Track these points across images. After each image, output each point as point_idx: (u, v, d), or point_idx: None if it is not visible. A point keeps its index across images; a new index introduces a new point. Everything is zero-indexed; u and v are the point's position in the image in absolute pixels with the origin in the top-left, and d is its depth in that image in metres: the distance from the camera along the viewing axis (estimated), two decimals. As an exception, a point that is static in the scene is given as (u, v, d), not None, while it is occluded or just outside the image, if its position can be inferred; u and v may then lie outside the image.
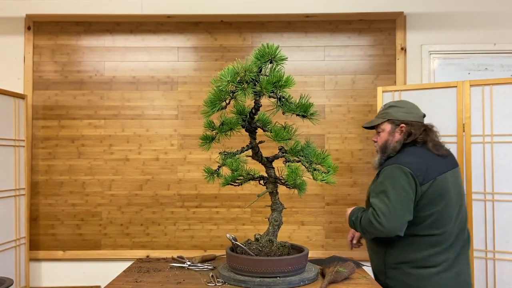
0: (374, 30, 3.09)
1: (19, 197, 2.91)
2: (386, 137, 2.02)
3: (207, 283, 1.73)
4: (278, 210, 1.85)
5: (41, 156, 3.10)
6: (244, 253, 1.74)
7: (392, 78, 3.07)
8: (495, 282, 2.38)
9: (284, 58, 1.65)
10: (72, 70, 3.12)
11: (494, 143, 2.42)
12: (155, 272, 1.91)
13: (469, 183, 2.46)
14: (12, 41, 3.12)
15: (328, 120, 3.09)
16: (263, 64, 1.65)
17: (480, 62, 3.09)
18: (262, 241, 1.81)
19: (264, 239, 1.81)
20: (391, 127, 2.01)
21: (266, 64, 1.65)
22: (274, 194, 1.86)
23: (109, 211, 3.09)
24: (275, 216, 1.84)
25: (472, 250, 2.43)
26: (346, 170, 3.07)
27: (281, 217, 1.84)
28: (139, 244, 3.08)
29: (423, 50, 3.07)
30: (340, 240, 3.06)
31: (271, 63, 1.65)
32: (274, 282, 1.66)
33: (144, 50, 3.13)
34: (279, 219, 1.83)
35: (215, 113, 1.70)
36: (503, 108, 2.41)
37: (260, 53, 1.64)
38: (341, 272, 1.76)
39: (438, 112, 2.57)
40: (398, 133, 2.00)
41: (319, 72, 3.11)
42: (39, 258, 3.07)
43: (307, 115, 1.75)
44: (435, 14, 3.08)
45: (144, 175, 3.10)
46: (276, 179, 1.85)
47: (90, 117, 3.11)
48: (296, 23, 3.11)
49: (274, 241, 1.81)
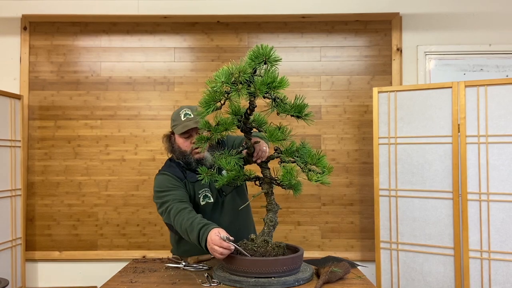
0: (370, 31, 3.10)
1: (15, 197, 2.91)
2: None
3: (202, 283, 1.73)
4: (274, 211, 1.85)
5: (37, 156, 3.10)
6: (239, 253, 1.73)
7: (388, 79, 3.08)
8: (490, 282, 2.40)
9: (278, 59, 1.65)
10: (68, 71, 3.12)
11: (489, 144, 2.43)
12: (150, 272, 1.91)
13: (464, 184, 2.47)
14: (8, 41, 3.11)
15: (324, 121, 3.10)
16: (257, 65, 1.65)
17: (475, 63, 3.10)
18: (257, 241, 1.81)
19: (259, 240, 1.81)
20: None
21: (260, 65, 1.65)
22: (270, 194, 1.86)
23: (105, 212, 3.09)
24: (271, 217, 1.84)
25: (468, 250, 2.45)
26: (342, 170, 3.08)
27: (276, 217, 1.84)
28: (136, 245, 3.08)
29: (419, 51, 3.08)
30: (336, 240, 3.07)
31: (265, 64, 1.65)
32: (269, 282, 1.66)
33: (140, 50, 3.13)
34: (274, 219, 1.83)
35: (209, 113, 1.70)
36: (498, 109, 2.42)
37: (254, 54, 1.64)
38: (336, 272, 1.76)
39: (434, 113, 2.58)
40: None
41: (315, 72, 3.11)
42: (35, 258, 3.07)
43: (301, 115, 1.75)
44: (431, 15, 3.09)
45: (140, 176, 3.10)
46: (271, 179, 1.85)
47: (86, 118, 3.11)
48: (292, 24, 3.12)
49: (269, 242, 1.81)
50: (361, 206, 3.08)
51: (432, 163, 2.58)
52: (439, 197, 2.55)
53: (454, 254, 2.50)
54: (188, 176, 2.09)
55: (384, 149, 2.73)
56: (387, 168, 2.72)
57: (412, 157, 2.64)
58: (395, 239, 2.68)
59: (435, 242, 2.56)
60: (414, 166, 2.63)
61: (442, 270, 2.53)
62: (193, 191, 2.09)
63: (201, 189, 2.09)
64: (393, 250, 2.69)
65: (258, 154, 1.84)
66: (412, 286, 2.61)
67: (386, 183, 2.72)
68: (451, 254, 2.51)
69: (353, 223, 3.08)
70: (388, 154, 2.72)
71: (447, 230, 2.52)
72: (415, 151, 2.63)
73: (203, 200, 2.09)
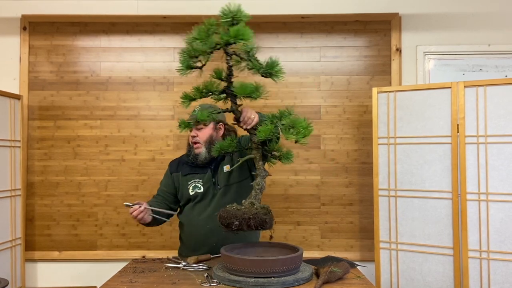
0: (369, 31, 3.10)
1: (14, 197, 2.91)
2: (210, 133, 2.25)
3: (202, 283, 1.73)
4: (261, 176, 1.88)
5: (37, 156, 3.10)
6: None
7: (387, 79, 3.08)
8: (489, 282, 2.40)
9: (247, 16, 1.77)
10: (68, 71, 3.12)
11: (488, 144, 2.43)
12: (150, 272, 1.91)
13: (463, 184, 2.47)
14: (8, 41, 3.11)
15: (323, 121, 3.10)
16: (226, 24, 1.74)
17: (474, 63, 3.11)
18: (244, 204, 1.83)
19: (246, 202, 1.84)
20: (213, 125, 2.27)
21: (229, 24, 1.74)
22: (258, 160, 1.88)
23: (105, 212, 3.09)
24: (258, 181, 1.87)
25: (467, 250, 2.45)
26: (341, 170, 3.08)
27: (263, 182, 1.87)
28: (135, 245, 3.08)
29: (418, 51, 3.08)
30: (335, 240, 3.08)
31: (233, 24, 1.74)
32: (268, 282, 1.67)
33: (140, 50, 3.13)
34: (261, 183, 1.87)
35: (188, 73, 1.80)
36: (497, 109, 2.42)
37: (224, 13, 1.75)
38: (335, 272, 1.76)
39: (433, 113, 2.59)
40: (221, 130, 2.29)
41: (315, 72, 3.11)
42: (35, 258, 3.07)
43: (272, 72, 1.79)
44: (430, 15, 3.09)
45: (140, 176, 3.10)
46: (259, 145, 1.87)
47: (86, 118, 3.11)
48: (292, 24, 3.12)
49: (255, 204, 1.83)
50: (361, 206, 3.08)
51: (431, 163, 2.58)
52: (438, 197, 2.55)
53: (453, 254, 2.50)
54: (182, 169, 2.31)
55: (383, 149, 2.74)
56: (387, 168, 2.72)
57: (411, 157, 2.64)
58: (395, 239, 2.68)
59: (435, 242, 2.56)
60: (413, 166, 2.64)
61: (441, 270, 2.54)
62: (182, 184, 2.27)
63: (191, 180, 2.25)
64: (392, 250, 2.69)
65: (244, 119, 1.88)
66: (412, 286, 2.62)
67: (386, 183, 2.72)
68: (451, 254, 2.51)
69: (352, 223, 3.08)
70: (388, 154, 2.72)
71: (446, 230, 2.53)
72: (415, 151, 2.63)
73: (192, 191, 2.24)
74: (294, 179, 3.09)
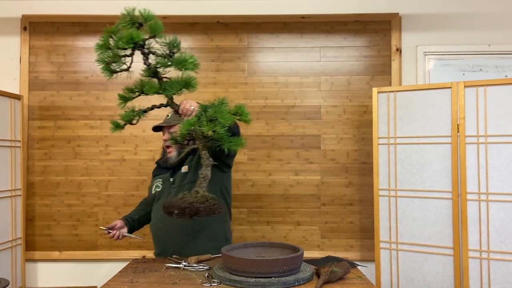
0: (369, 31, 3.11)
1: (15, 197, 2.91)
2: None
3: (202, 283, 1.73)
4: (205, 164, 1.88)
5: (37, 156, 3.10)
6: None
7: (387, 79, 3.08)
8: (489, 281, 2.40)
9: (150, 16, 1.81)
10: (68, 71, 3.12)
11: (488, 144, 2.44)
12: (150, 272, 1.92)
13: (463, 184, 2.47)
14: (8, 41, 3.12)
15: (323, 121, 3.10)
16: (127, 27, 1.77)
17: (474, 63, 3.11)
18: (191, 193, 1.84)
19: (192, 191, 1.85)
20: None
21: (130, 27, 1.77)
22: (201, 149, 1.89)
23: (105, 212, 3.09)
24: (202, 170, 1.88)
25: (467, 250, 2.45)
26: (341, 170, 3.09)
27: (208, 171, 1.87)
28: (136, 245, 3.08)
29: (418, 51, 3.09)
30: (335, 240, 3.08)
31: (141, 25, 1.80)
32: (269, 282, 1.67)
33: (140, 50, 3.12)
34: (205, 172, 1.87)
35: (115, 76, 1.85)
36: (498, 109, 2.42)
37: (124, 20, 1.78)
38: (336, 272, 1.76)
39: (433, 113, 2.59)
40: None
41: (315, 73, 3.12)
42: (35, 258, 3.07)
43: (186, 65, 1.80)
44: (430, 15, 3.09)
45: (140, 176, 3.10)
46: (201, 135, 1.86)
47: (86, 118, 3.11)
48: (292, 24, 3.12)
49: (200, 192, 1.83)
50: (361, 206, 3.08)
51: (431, 163, 2.58)
52: (438, 197, 2.56)
53: (453, 254, 2.50)
54: (155, 171, 2.41)
55: (383, 149, 2.74)
56: (387, 168, 2.72)
57: (411, 157, 2.64)
58: (395, 239, 2.68)
59: (435, 242, 2.56)
60: (413, 166, 2.64)
61: (441, 269, 2.54)
62: (151, 185, 2.38)
63: (155, 181, 2.35)
64: (392, 250, 2.69)
65: (183, 111, 1.94)
66: (412, 286, 2.62)
67: (386, 183, 2.73)
68: (451, 254, 2.51)
69: (352, 223, 3.08)
70: (388, 154, 2.72)
71: (447, 230, 2.53)
72: (415, 151, 2.64)
73: (154, 190, 2.32)
74: (294, 179, 3.10)
